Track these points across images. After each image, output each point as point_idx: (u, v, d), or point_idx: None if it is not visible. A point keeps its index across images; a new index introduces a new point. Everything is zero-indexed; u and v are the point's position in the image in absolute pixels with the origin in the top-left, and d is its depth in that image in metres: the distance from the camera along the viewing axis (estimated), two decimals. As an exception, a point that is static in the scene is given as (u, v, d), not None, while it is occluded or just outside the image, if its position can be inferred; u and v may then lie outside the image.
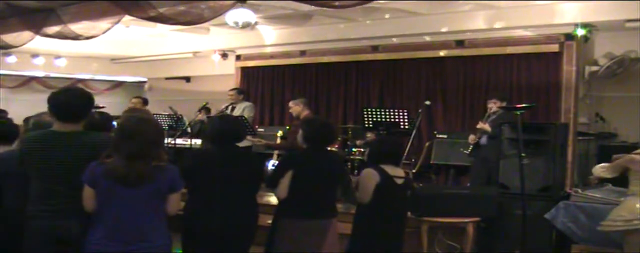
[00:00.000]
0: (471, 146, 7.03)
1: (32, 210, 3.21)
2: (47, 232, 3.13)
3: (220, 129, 3.91)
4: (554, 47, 7.50)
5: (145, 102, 9.08)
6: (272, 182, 4.03)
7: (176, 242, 4.14)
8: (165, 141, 7.74)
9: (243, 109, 8.09)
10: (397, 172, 4.35)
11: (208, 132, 4.00)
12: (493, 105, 6.93)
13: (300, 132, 4.18)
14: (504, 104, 6.92)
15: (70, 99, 3.26)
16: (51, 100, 3.26)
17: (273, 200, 4.21)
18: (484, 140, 6.95)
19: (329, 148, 7.92)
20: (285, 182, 3.91)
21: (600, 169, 4.92)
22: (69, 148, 3.16)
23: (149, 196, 3.00)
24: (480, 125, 6.91)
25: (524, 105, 6.09)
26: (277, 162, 7.54)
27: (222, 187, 3.72)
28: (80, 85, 14.55)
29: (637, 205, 4.60)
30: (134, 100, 9.17)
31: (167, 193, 3.08)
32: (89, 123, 3.89)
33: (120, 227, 2.97)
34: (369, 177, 4.24)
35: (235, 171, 3.77)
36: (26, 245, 3.24)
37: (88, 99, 3.34)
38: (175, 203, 3.14)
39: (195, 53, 11.09)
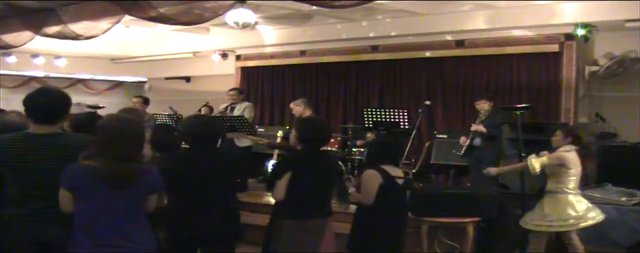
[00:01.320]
0: (464, 147, 7.03)
1: (10, 214, 3.12)
2: (28, 237, 3.06)
3: (197, 130, 3.79)
4: (554, 47, 7.50)
5: (145, 101, 9.07)
6: (270, 183, 4.01)
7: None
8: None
9: (243, 109, 8.08)
10: (396, 173, 4.35)
11: (185, 133, 3.88)
12: (483, 106, 6.94)
13: (293, 132, 4.18)
14: (492, 104, 6.93)
15: (48, 101, 3.17)
16: (27, 102, 3.15)
17: (273, 200, 4.19)
18: (477, 141, 6.94)
19: (328, 148, 7.99)
20: (283, 183, 3.89)
21: (535, 164, 5.00)
22: (50, 151, 3.07)
23: (131, 198, 2.94)
24: (474, 127, 6.90)
25: (523, 105, 6.10)
26: (276, 163, 7.56)
27: (201, 188, 3.62)
28: (80, 85, 14.60)
29: (576, 203, 4.88)
30: (134, 99, 9.16)
31: (148, 195, 3.03)
32: (77, 122, 3.85)
33: (104, 230, 2.89)
34: (372, 178, 4.24)
35: (214, 172, 3.68)
36: (6, 249, 3.15)
37: (65, 99, 3.24)
38: (154, 202, 3.10)
39: (195, 53, 11.09)
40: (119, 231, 2.92)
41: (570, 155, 4.92)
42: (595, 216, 4.89)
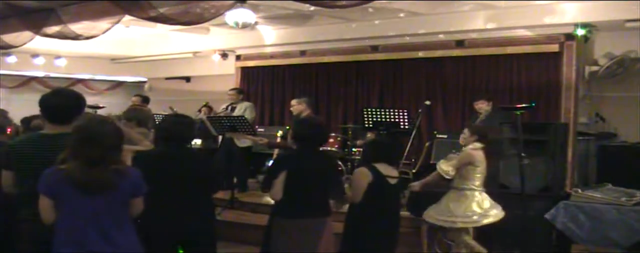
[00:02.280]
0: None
1: (20, 214, 3.18)
2: (33, 236, 3.10)
3: (167, 129, 3.78)
4: (554, 47, 7.50)
5: (145, 100, 9.05)
6: (266, 184, 4.01)
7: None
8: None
9: (244, 109, 8.08)
10: (390, 172, 4.35)
11: (157, 131, 3.88)
12: (482, 106, 6.95)
13: (290, 131, 4.20)
14: (491, 104, 6.94)
15: (61, 101, 3.25)
16: (42, 103, 3.24)
17: (271, 200, 4.19)
18: None
19: (328, 148, 7.97)
20: (279, 183, 3.89)
21: (447, 168, 5.17)
22: (55, 150, 3.05)
23: (111, 202, 2.83)
24: None
25: (523, 105, 6.09)
26: (272, 162, 7.56)
27: (171, 189, 3.59)
28: (80, 85, 14.59)
29: (482, 200, 5.07)
30: (134, 98, 9.14)
31: (130, 198, 2.93)
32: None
33: (86, 235, 2.79)
34: (361, 176, 4.25)
35: (183, 172, 3.65)
36: (18, 248, 3.23)
37: (77, 99, 3.30)
38: (139, 206, 3.00)
39: (195, 53, 11.09)
40: (102, 235, 2.81)
41: (476, 153, 5.08)
42: (496, 214, 5.07)
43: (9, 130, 4.97)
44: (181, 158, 3.71)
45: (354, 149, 8.01)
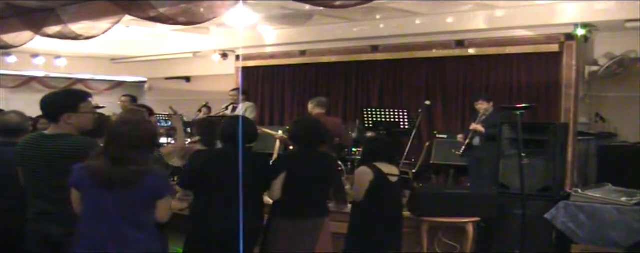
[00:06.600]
0: (462, 147, 7.04)
1: (27, 213, 3.24)
2: (39, 236, 3.13)
3: (225, 130, 3.94)
4: (554, 47, 7.50)
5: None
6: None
7: (179, 241, 4.15)
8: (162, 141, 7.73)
9: (245, 110, 8.09)
10: (391, 170, 4.36)
11: (218, 132, 4.04)
12: (482, 106, 6.97)
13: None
14: (491, 104, 6.94)
15: (50, 100, 3.28)
16: (41, 103, 3.27)
17: (267, 200, 4.21)
18: (476, 140, 6.96)
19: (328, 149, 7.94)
20: (278, 183, 3.91)
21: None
22: (54, 151, 3.13)
23: (129, 202, 2.85)
24: (473, 126, 6.92)
25: (523, 105, 6.10)
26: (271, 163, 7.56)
27: (226, 187, 3.71)
28: (80, 85, 14.59)
29: None
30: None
31: (152, 200, 2.91)
32: None
33: (99, 233, 2.82)
34: (362, 175, 4.27)
35: (236, 172, 3.74)
36: (23, 247, 3.28)
37: (71, 97, 3.31)
38: (165, 209, 2.96)
39: (195, 53, 11.09)
40: (116, 236, 2.82)
41: (191, 146, 5.32)
42: None
43: None
44: (233, 158, 3.75)
45: (354, 149, 8.00)
